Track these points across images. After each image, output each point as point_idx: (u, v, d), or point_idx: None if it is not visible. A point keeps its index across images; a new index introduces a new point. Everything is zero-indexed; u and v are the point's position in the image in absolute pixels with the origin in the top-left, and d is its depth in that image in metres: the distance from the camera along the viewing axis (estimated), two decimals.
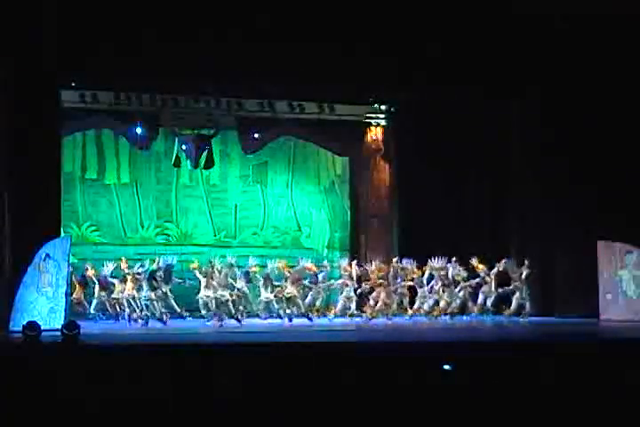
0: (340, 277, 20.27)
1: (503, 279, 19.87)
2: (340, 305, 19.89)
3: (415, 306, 20.03)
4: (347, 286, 19.82)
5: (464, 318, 19.93)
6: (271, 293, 19.25)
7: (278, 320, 19.24)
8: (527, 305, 19.69)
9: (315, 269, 19.91)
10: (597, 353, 12.73)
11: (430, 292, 19.93)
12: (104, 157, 22.07)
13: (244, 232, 22.98)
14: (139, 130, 21.08)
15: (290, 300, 19.10)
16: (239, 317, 18.54)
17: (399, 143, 22.41)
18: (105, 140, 22.02)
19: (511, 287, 19.68)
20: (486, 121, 21.68)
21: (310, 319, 19.13)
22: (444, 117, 21.40)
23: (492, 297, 19.81)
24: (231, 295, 18.62)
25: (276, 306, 19.44)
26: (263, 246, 22.84)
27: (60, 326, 14.46)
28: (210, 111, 21.40)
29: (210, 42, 18.38)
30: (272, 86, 20.21)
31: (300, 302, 19.14)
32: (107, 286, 19.06)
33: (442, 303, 19.71)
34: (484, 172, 22.20)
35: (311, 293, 19.60)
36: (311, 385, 11.32)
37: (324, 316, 19.83)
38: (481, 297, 19.91)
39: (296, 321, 18.96)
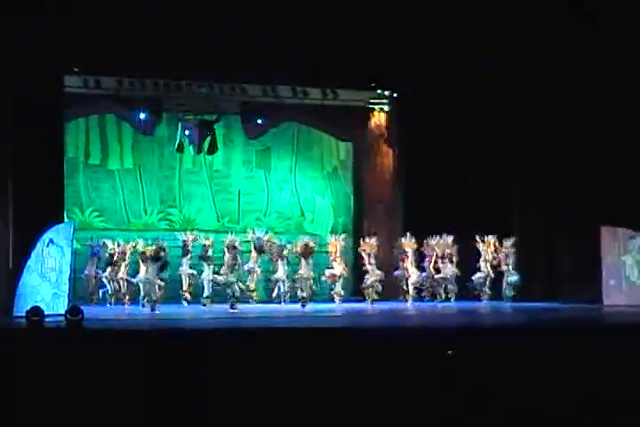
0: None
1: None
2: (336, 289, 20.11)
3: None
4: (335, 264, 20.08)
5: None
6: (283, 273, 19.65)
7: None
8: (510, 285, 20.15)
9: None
10: (601, 338, 12.41)
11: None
12: (107, 143, 22.09)
13: (247, 218, 22.96)
14: (142, 115, 21.14)
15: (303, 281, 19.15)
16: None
17: (402, 128, 22.30)
18: (108, 125, 22.03)
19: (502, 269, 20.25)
20: (489, 105, 21.57)
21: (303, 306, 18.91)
22: (448, 102, 21.15)
23: (488, 281, 20.38)
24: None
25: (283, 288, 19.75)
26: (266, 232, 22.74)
27: (63, 311, 14.33)
28: (213, 96, 21.40)
29: (212, 26, 18.32)
30: (275, 71, 20.07)
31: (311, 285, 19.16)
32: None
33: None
34: (487, 157, 21.92)
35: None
36: (306, 373, 11.07)
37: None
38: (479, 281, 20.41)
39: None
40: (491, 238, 20.46)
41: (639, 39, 18.54)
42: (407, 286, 20.57)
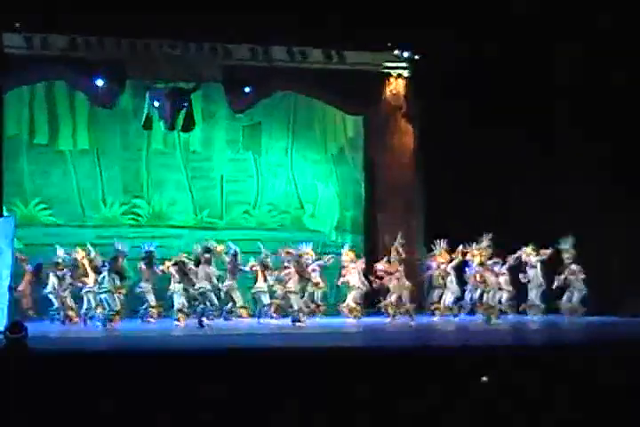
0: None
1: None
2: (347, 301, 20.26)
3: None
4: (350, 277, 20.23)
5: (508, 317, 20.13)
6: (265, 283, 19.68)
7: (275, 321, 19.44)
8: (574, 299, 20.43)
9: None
10: None
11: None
12: (57, 118, 21.98)
13: (232, 211, 22.90)
14: (100, 82, 20.90)
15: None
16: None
17: (424, 99, 22.01)
18: (58, 95, 21.92)
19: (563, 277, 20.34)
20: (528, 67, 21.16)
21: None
22: (478, 67, 20.98)
23: (540, 291, 20.50)
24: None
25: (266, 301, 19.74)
26: (256, 228, 22.75)
27: (2, 328, 14.04)
28: (189, 59, 21.27)
29: None
30: (267, 28, 20.00)
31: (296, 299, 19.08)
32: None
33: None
34: (529, 130, 21.36)
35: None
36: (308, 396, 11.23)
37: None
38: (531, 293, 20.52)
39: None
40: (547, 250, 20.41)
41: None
42: (446, 303, 20.40)
